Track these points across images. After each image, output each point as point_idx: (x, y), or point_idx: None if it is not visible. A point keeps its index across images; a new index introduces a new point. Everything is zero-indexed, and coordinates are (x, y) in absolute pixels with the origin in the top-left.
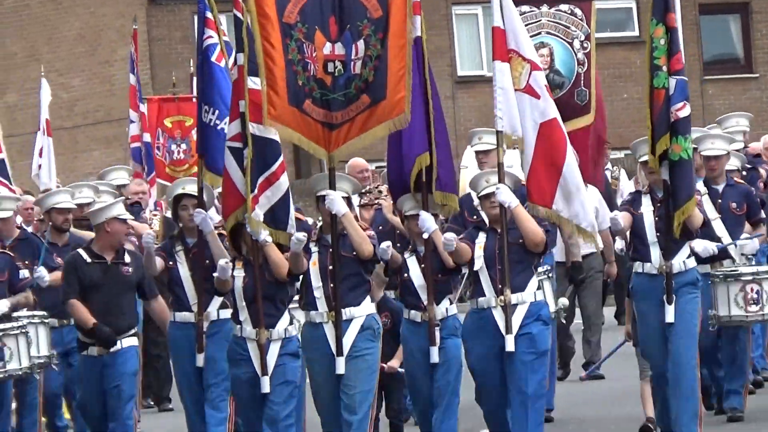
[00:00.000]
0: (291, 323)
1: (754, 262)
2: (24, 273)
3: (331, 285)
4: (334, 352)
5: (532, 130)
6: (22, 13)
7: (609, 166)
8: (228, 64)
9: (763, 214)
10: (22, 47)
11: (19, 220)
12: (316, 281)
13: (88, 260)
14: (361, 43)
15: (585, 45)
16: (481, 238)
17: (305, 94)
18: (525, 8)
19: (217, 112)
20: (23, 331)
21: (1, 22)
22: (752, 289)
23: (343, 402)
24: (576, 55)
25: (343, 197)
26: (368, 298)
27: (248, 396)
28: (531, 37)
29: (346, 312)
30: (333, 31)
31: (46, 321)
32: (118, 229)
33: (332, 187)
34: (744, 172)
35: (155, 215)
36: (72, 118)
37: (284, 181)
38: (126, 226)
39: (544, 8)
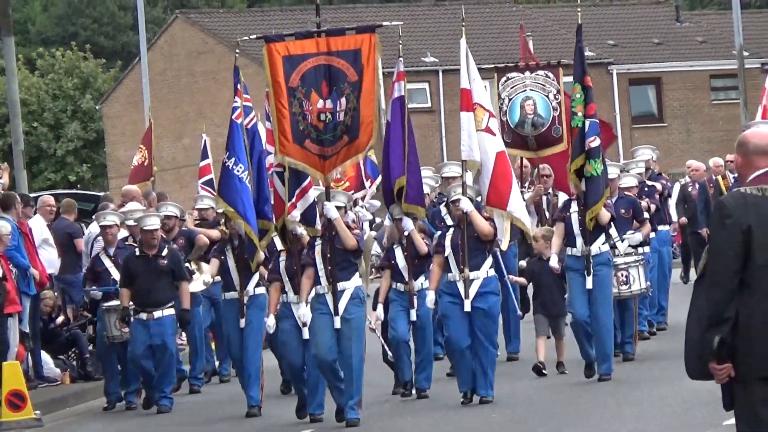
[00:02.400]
0: None
1: (640, 251)
2: None
3: (329, 267)
4: (332, 313)
5: (492, 157)
6: (193, 86)
7: None
8: (244, 122)
9: (646, 215)
10: (192, 108)
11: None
12: (319, 264)
13: (138, 254)
14: (343, 100)
15: (557, 97)
16: (449, 234)
17: (305, 135)
18: (513, 74)
19: (227, 152)
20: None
21: (179, 92)
22: (622, 274)
23: (341, 348)
24: (551, 103)
25: (337, 207)
26: (357, 274)
27: (294, 341)
28: (518, 93)
29: (340, 285)
30: (324, 92)
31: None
32: (146, 237)
33: (328, 198)
34: (646, 188)
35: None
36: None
37: (312, 194)
38: (152, 234)
39: (527, 73)
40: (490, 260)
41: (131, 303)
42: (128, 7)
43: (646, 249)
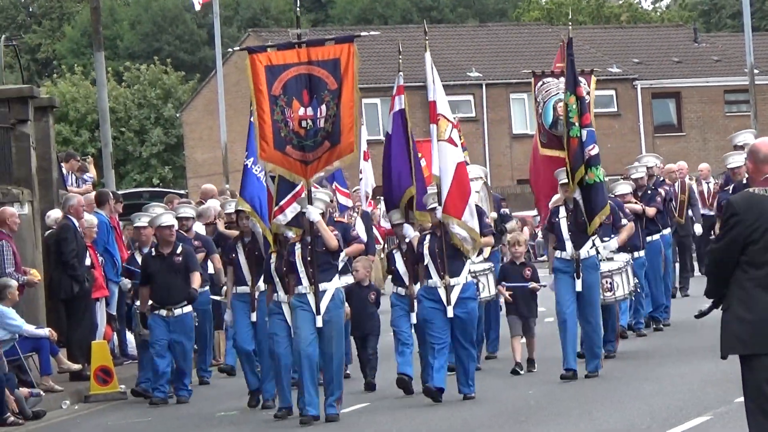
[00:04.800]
0: None
1: (625, 257)
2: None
3: (311, 269)
4: (314, 312)
5: (452, 167)
6: None
7: None
8: None
9: (624, 222)
10: None
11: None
12: (300, 266)
13: (154, 254)
14: (323, 107)
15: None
16: (426, 241)
17: (287, 141)
18: (548, 79)
19: (246, 153)
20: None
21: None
22: (607, 281)
23: (322, 348)
24: None
25: (319, 212)
26: (336, 276)
27: (282, 333)
28: (551, 96)
29: (322, 286)
30: (305, 99)
31: None
32: (164, 233)
33: (310, 202)
34: (649, 192)
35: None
36: None
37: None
38: (169, 231)
39: (561, 78)
40: (468, 266)
41: (150, 301)
42: (206, 26)
43: (641, 253)
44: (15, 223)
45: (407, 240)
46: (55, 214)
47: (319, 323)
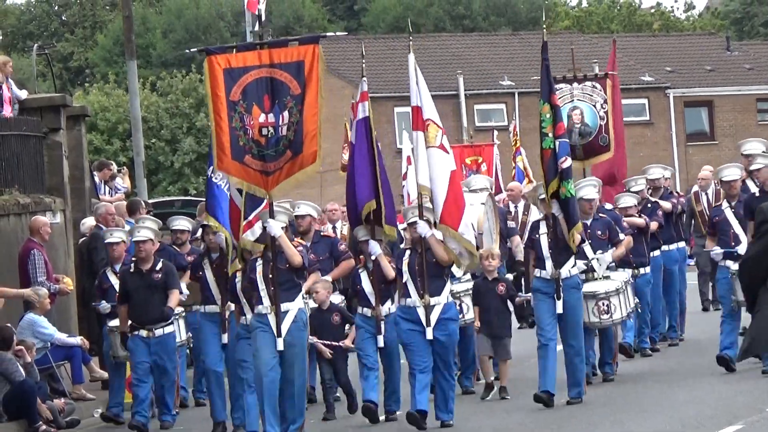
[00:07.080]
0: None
1: (618, 271)
2: None
3: (272, 287)
4: (275, 334)
5: (446, 175)
6: None
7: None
8: None
9: (621, 236)
10: None
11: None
12: (261, 284)
13: (132, 270)
14: (286, 113)
15: (603, 106)
16: (406, 257)
17: (246, 151)
18: (562, 85)
19: (209, 165)
20: (183, 315)
21: None
22: (603, 304)
23: (283, 372)
24: (598, 113)
25: (281, 226)
26: (299, 296)
27: (250, 360)
28: (566, 103)
29: (284, 306)
30: (267, 105)
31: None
32: (136, 248)
33: (272, 216)
34: (649, 205)
35: None
36: (324, 165)
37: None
38: (137, 246)
39: (575, 84)
40: (449, 285)
41: (129, 321)
42: (239, 34)
43: (647, 269)
44: (47, 232)
45: (373, 258)
46: (89, 221)
47: (280, 346)
